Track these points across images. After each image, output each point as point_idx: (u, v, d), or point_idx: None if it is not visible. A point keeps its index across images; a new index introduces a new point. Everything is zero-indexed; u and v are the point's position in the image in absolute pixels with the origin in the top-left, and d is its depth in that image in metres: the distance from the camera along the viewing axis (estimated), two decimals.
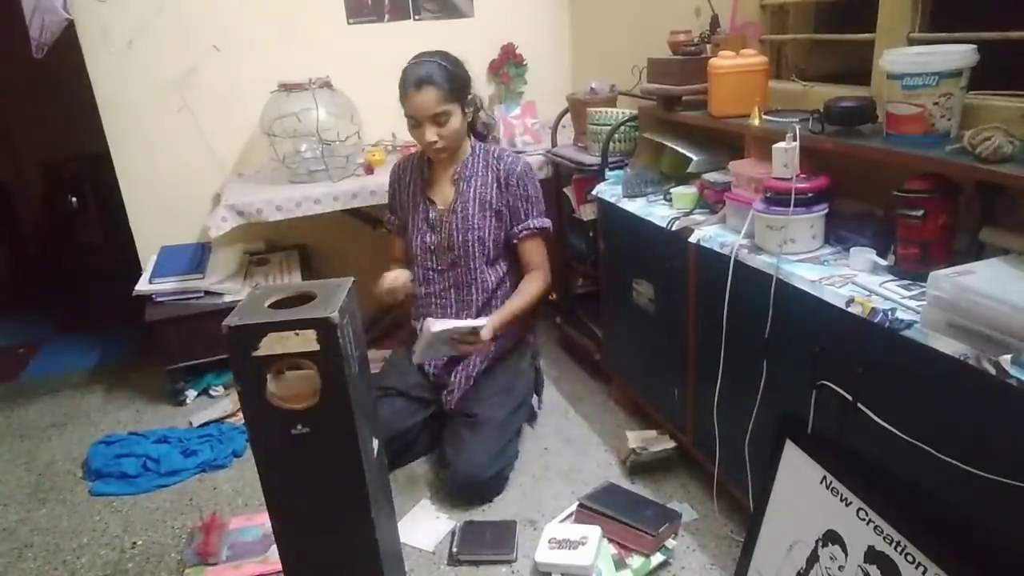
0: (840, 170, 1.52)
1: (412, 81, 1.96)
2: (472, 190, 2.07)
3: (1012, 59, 1.33)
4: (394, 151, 2.92)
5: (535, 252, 2.14)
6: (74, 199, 4.51)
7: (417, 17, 2.97)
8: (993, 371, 1.01)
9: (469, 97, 2.06)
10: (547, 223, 2.14)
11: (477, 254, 2.08)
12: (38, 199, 4.63)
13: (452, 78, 1.98)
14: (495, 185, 2.07)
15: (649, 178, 2.08)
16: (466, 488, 1.95)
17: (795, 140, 1.46)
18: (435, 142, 2.00)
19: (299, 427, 1.26)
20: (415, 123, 2.00)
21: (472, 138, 2.14)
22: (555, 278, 2.97)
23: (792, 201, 1.44)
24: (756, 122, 1.68)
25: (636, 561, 1.67)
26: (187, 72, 2.72)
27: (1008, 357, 1.00)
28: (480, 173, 2.08)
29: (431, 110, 1.96)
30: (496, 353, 2.11)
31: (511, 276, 2.16)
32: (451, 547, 1.77)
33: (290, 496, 1.34)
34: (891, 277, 1.32)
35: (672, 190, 1.92)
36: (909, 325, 1.15)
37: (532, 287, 2.11)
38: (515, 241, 2.11)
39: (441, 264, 2.11)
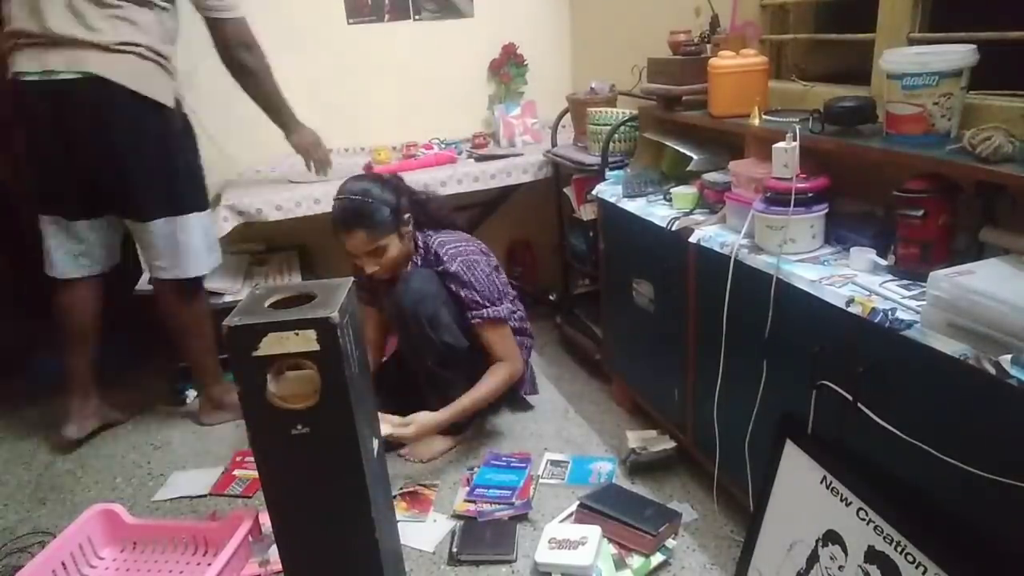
0: (840, 170, 1.52)
1: (339, 223, 1.99)
2: None
3: (1012, 59, 1.33)
4: (395, 150, 2.92)
5: (494, 341, 2.10)
6: None
7: (417, 17, 2.97)
8: (993, 371, 1.01)
9: (406, 217, 2.05)
10: (498, 313, 2.07)
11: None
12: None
13: (380, 213, 1.97)
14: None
15: (649, 178, 2.08)
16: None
17: (795, 140, 1.46)
18: (376, 271, 2.04)
19: (299, 427, 1.26)
20: (352, 255, 2.03)
21: (427, 233, 2.12)
22: (555, 278, 3.00)
23: (792, 201, 1.44)
24: (756, 122, 1.68)
25: (636, 561, 1.67)
26: (187, 72, 2.71)
27: (1008, 357, 1.00)
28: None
29: (364, 249, 2.00)
30: None
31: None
32: (451, 547, 1.77)
33: (290, 496, 1.34)
34: (891, 277, 1.32)
35: (672, 190, 1.92)
36: (909, 325, 1.15)
37: (490, 381, 2.09)
38: (471, 329, 2.09)
39: None
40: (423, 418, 2.01)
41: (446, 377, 2.10)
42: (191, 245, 2.20)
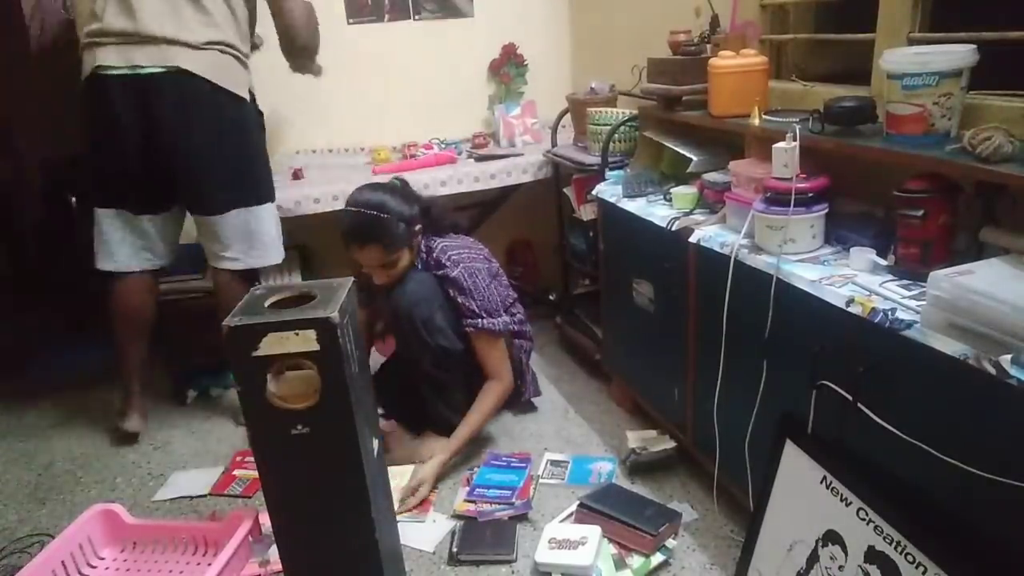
0: (840, 170, 1.52)
1: (354, 237, 1.98)
2: None
3: (1012, 59, 1.33)
4: (395, 150, 2.93)
5: (486, 354, 2.09)
6: (74, 199, 4.50)
7: (417, 17, 2.97)
8: (993, 371, 1.01)
9: (416, 228, 2.05)
10: (494, 325, 2.04)
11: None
12: (38, 199, 4.63)
13: (397, 226, 1.97)
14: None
15: (649, 178, 2.08)
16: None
17: (795, 140, 1.46)
18: (385, 282, 2.05)
19: (299, 427, 1.26)
20: (361, 264, 2.04)
21: (430, 238, 2.11)
22: (555, 278, 3.00)
23: (792, 201, 1.44)
24: (756, 122, 1.68)
25: (636, 561, 1.67)
26: None
27: (1008, 357, 1.00)
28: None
29: (378, 263, 2.01)
30: None
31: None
32: (451, 547, 1.77)
33: (290, 496, 1.34)
34: (891, 277, 1.32)
35: (672, 190, 1.92)
36: (909, 325, 1.15)
37: (482, 404, 2.08)
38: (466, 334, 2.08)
39: None
40: (426, 472, 1.97)
41: (443, 379, 2.10)
42: (266, 234, 2.24)
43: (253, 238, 2.22)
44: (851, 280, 1.33)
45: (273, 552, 1.63)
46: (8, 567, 1.84)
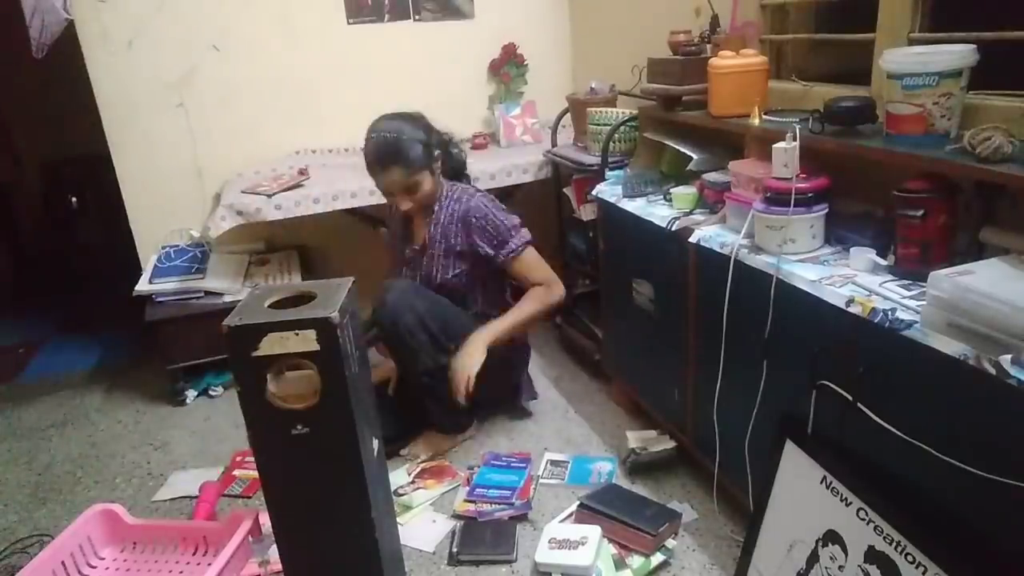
0: (840, 170, 1.52)
1: (376, 161, 2.01)
2: (439, 233, 2.11)
3: (1012, 59, 1.33)
4: None
5: (527, 267, 2.12)
6: (74, 199, 4.50)
7: (417, 17, 2.97)
8: (993, 371, 1.01)
9: (436, 153, 2.08)
10: (524, 237, 2.11)
11: (449, 289, 2.12)
12: (38, 199, 4.63)
13: (416, 148, 2.01)
14: (459, 226, 2.09)
15: (649, 178, 2.08)
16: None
17: (795, 140, 1.46)
18: (410, 208, 2.07)
19: (299, 427, 1.26)
20: (387, 193, 2.06)
21: (444, 181, 2.15)
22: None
23: (792, 201, 1.44)
24: (756, 122, 1.68)
25: (636, 561, 1.67)
26: (187, 72, 2.72)
27: (1008, 357, 1.00)
28: (446, 217, 2.11)
29: (401, 186, 2.02)
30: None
31: (487, 307, 2.19)
32: (451, 547, 1.77)
33: (290, 496, 1.34)
34: (891, 277, 1.32)
35: (672, 190, 1.92)
36: (909, 325, 1.15)
37: (529, 301, 2.13)
38: (505, 268, 2.12)
39: None
40: (474, 346, 2.03)
41: (434, 385, 2.08)
42: None
43: None
44: (851, 280, 1.33)
45: (273, 552, 1.62)
46: (8, 567, 1.84)
